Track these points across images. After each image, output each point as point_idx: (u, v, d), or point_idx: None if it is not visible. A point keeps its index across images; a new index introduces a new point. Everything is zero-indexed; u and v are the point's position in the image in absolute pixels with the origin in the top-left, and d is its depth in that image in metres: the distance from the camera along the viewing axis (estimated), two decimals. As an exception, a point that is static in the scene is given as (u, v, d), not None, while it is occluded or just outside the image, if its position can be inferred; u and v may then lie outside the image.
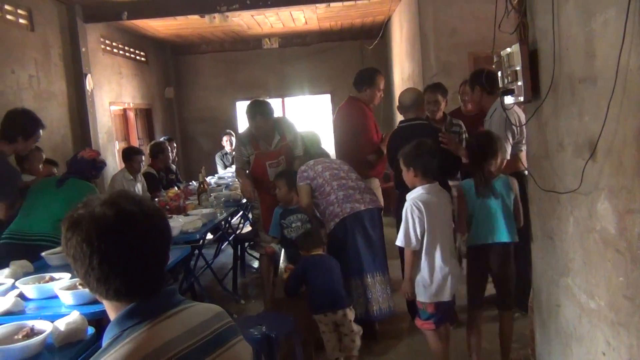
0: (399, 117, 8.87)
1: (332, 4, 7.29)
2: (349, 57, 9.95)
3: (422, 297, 3.10)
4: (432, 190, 3.10)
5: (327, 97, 10.36)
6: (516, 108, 3.52)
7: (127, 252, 1.17)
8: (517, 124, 3.56)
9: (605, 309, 1.98)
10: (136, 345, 1.12)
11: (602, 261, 1.97)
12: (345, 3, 7.24)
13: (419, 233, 3.02)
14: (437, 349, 3.20)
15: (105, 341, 1.19)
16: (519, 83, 2.62)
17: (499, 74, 2.89)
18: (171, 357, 1.14)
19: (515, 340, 3.50)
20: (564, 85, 2.23)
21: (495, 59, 2.93)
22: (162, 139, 7.37)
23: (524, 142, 3.55)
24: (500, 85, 2.88)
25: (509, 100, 2.83)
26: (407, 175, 3.17)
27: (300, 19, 8.40)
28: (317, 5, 7.28)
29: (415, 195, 3.09)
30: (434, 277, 3.05)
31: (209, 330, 1.25)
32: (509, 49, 2.71)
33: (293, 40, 10.04)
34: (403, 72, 8.06)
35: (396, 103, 9.20)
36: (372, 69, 4.87)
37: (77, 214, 1.19)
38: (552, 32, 2.25)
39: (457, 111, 5.07)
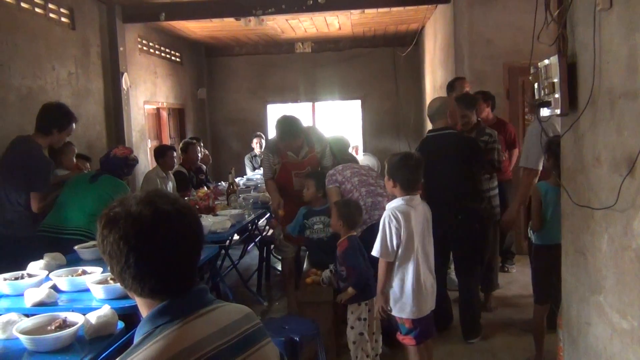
0: (430, 125, 8.84)
1: (366, 11, 7.30)
2: (381, 64, 9.94)
3: (394, 310, 3.05)
4: (411, 202, 3.04)
5: (358, 102, 10.35)
6: (554, 120, 3.47)
7: (163, 250, 1.18)
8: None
9: (638, 330, 1.94)
10: (168, 343, 1.14)
11: (637, 280, 1.92)
12: (380, 10, 7.24)
13: (395, 244, 2.96)
14: None
15: (137, 337, 1.20)
16: (556, 95, 2.57)
17: (535, 85, 2.85)
18: (202, 356, 1.15)
19: (543, 357, 3.47)
20: (603, 99, 2.19)
21: (532, 70, 2.89)
22: (189, 139, 7.45)
23: None
24: (537, 97, 2.83)
25: (545, 112, 2.79)
26: (388, 184, 3.15)
27: (334, 24, 8.43)
28: (352, 11, 7.30)
29: (394, 206, 3.05)
30: (404, 290, 3.00)
31: (238, 330, 1.26)
32: (546, 61, 2.68)
33: (326, 45, 10.07)
34: (435, 81, 8.01)
35: (427, 112, 9.18)
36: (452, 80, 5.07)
37: (114, 211, 1.20)
38: (592, 45, 2.22)
39: (477, 123, 5.01)
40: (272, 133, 4.66)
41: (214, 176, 8.68)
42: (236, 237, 5.56)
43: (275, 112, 10.02)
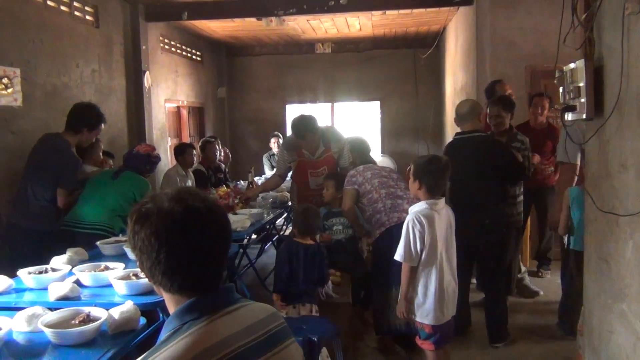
0: (449, 128, 8.79)
1: (388, 12, 7.29)
2: (401, 66, 9.91)
3: (417, 316, 3.01)
4: (435, 206, 3.00)
5: (377, 104, 10.33)
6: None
7: (194, 247, 1.20)
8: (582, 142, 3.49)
9: (663, 339, 1.91)
10: (195, 339, 1.15)
11: (663, 289, 1.90)
12: (402, 11, 7.22)
13: (419, 248, 2.93)
14: None
15: (164, 333, 1.21)
16: (582, 100, 2.55)
17: (560, 89, 2.82)
18: (228, 354, 1.16)
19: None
20: (630, 104, 2.17)
21: (557, 74, 2.87)
22: (208, 137, 7.50)
23: None
24: (561, 100, 2.81)
25: (569, 117, 2.76)
26: (412, 186, 3.11)
27: (355, 25, 8.42)
28: (373, 12, 7.28)
29: (418, 210, 3.00)
30: (427, 295, 2.96)
31: (264, 329, 1.27)
32: (572, 65, 2.65)
33: (346, 46, 10.06)
34: (456, 83, 7.96)
35: (448, 114, 9.14)
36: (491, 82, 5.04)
37: (146, 207, 1.21)
38: (620, 49, 2.19)
39: (525, 125, 4.98)
40: (290, 133, 4.67)
41: (233, 175, 8.72)
42: (253, 236, 5.59)
43: (294, 112, 10.03)
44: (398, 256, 2.99)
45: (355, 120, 10.52)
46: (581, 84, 2.54)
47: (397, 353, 3.83)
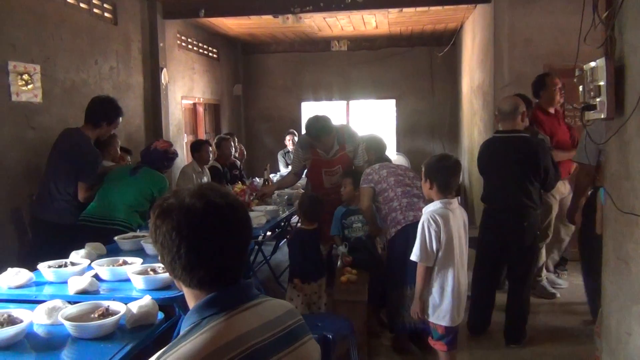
0: (466, 127, 8.73)
1: (404, 9, 7.26)
2: (417, 63, 9.87)
3: (432, 317, 3.00)
4: (449, 205, 2.98)
5: (392, 102, 10.30)
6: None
7: (214, 242, 1.21)
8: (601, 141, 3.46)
9: (684, 341, 1.88)
10: (215, 334, 1.16)
11: (684, 291, 1.87)
12: (418, 9, 7.19)
13: (434, 248, 2.91)
14: None
15: (184, 327, 1.23)
16: (602, 99, 2.52)
17: (580, 88, 2.79)
18: (248, 349, 1.17)
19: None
20: (653, 103, 2.14)
21: (577, 73, 2.83)
22: (223, 134, 7.55)
23: None
24: (581, 100, 2.78)
25: (589, 116, 2.73)
26: (424, 187, 3.11)
27: (371, 22, 8.40)
28: (390, 10, 7.26)
29: (433, 209, 2.99)
30: (444, 296, 2.95)
31: (282, 325, 1.28)
32: (592, 63, 2.62)
33: (362, 44, 10.05)
34: (473, 82, 7.91)
35: (464, 112, 9.08)
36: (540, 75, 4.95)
37: (167, 203, 1.23)
38: (642, 48, 2.16)
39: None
40: (305, 130, 4.67)
41: (247, 172, 8.76)
42: (268, 233, 5.61)
43: (309, 110, 10.05)
44: (414, 256, 2.98)
45: (371, 119, 10.49)
46: (601, 83, 2.51)
47: (411, 351, 3.83)
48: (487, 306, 4.11)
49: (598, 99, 2.56)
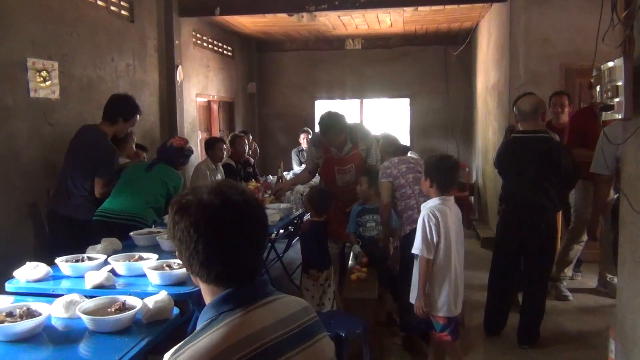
0: (480, 126, 8.67)
1: (420, 8, 7.23)
2: (432, 62, 9.82)
3: (432, 308, 3.10)
4: (446, 202, 3.12)
5: (406, 101, 10.26)
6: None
7: (231, 239, 1.22)
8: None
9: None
10: (231, 330, 1.17)
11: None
12: (434, 7, 7.16)
13: (435, 240, 3.04)
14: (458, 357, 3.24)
15: (201, 322, 1.24)
16: (620, 99, 2.50)
17: (597, 88, 2.77)
18: (263, 345, 1.18)
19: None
20: (671, 104, 2.12)
21: (594, 73, 2.82)
22: (237, 132, 7.58)
23: None
24: (599, 100, 2.76)
25: (607, 116, 2.71)
26: (424, 185, 3.22)
27: (386, 21, 8.38)
28: (405, 8, 7.24)
29: (431, 205, 3.12)
30: (442, 288, 3.06)
31: (297, 322, 1.29)
32: (610, 63, 2.60)
33: (376, 42, 10.02)
34: (488, 81, 7.87)
35: (478, 112, 9.02)
36: None
37: (186, 199, 1.24)
38: (662, 48, 2.14)
39: (547, 124, 4.91)
40: (319, 129, 4.68)
41: (261, 170, 8.79)
42: (281, 230, 5.63)
43: (323, 108, 10.04)
44: (416, 249, 3.10)
45: (384, 117, 10.47)
46: (619, 83, 2.49)
47: (423, 350, 3.82)
48: (504, 307, 4.09)
49: (616, 99, 2.54)
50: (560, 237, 5.29)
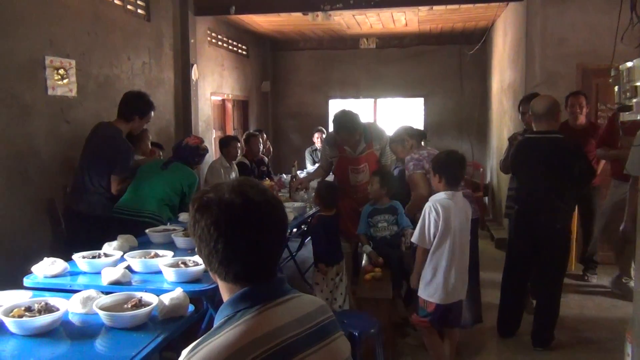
0: (495, 126, 8.61)
1: (435, 7, 7.20)
2: (446, 62, 9.78)
3: (422, 292, 3.29)
4: (453, 197, 3.24)
5: (421, 100, 10.23)
6: None
7: (251, 239, 1.22)
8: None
9: None
10: (247, 328, 1.18)
11: None
12: (449, 6, 7.12)
13: (432, 233, 3.19)
14: (431, 345, 3.42)
15: (218, 320, 1.25)
16: (638, 100, 2.48)
17: (616, 88, 2.75)
18: (279, 343, 1.18)
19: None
20: (692, 105, 2.09)
21: (612, 73, 2.79)
22: (252, 131, 7.61)
23: None
24: (617, 100, 2.74)
25: (625, 117, 2.69)
26: (433, 180, 3.35)
27: (401, 20, 8.36)
28: (420, 7, 7.21)
29: (436, 199, 3.25)
30: (435, 276, 3.22)
31: (313, 321, 1.29)
32: (629, 63, 2.57)
33: (390, 42, 10.00)
34: (503, 81, 7.82)
35: (493, 111, 8.96)
36: None
37: (207, 197, 1.24)
38: (683, 49, 2.12)
39: (564, 125, 4.87)
40: (332, 127, 4.67)
41: (274, 168, 8.81)
42: (294, 229, 5.63)
43: (337, 107, 10.03)
44: (413, 238, 3.32)
45: (398, 117, 10.43)
46: (638, 83, 2.47)
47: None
48: (517, 308, 4.07)
49: (634, 100, 2.52)
50: (575, 238, 5.27)
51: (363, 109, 10.12)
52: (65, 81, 4.57)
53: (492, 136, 8.97)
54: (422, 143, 4.36)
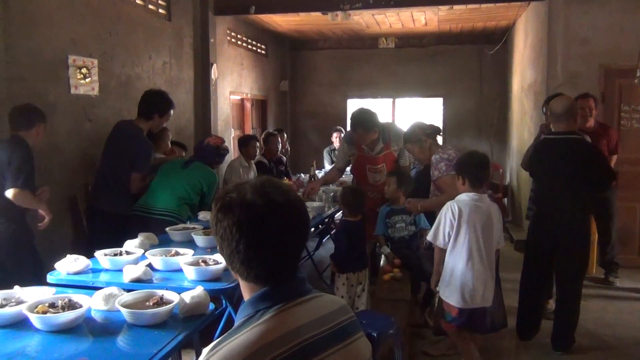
0: (515, 127, 8.54)
1: (455, 7, 7.15)
2: (466, 62, 9.71)
3: (442, 292, 3.28)
4: (476, 199, 3.20)
5: (440, 100, 10.16)
6: None
7: (273, 240, 1.23)
8: None
9: None
10: (268, 328, 1.18)
11: None
12: (470, 6, 7.07)
13: (446, 233, 3.18)
14: (464, 348, 3.37)
15: (239, 319, 1.25)
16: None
17: (641, 90, 2.71)
18: (300, 343, 1.18)
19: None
20: None
21: (637, 74, 2.75)
22: (271, 130, 7.62)
23: None
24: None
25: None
26: (457, 182, 3.30)
27: (420, 19, 8.32)
28: (440, 7, 7.17)
29: (458, 199, 3.23)
30: (453, 277, 3.19)
31: (334, 322, 1.28)
32: (655, 64, 2.53)
33: (410, 41, 9.95)
34: (524, 81, 7.74)
35: (513, 112, 8.89)
36: None
37: (230, 197, 1.25)
38: None
39: None
40: (349, 125, 4.68)
41: (292, 168, 8.83)
42: (312, 229, 5.64)
43: (355, 106, 10.00)
44: (429, 236, 3.31)
45: (417, 117, 10.37)
46: (665, 85, 2.43)
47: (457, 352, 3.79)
48: (536, 311, 4.02)
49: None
50: (597, 240, 5.20)
51: (381, 108, 10.10)
52: (87, 80, 4.63)
53: (512, 137, 8.88)
54: (440, 140, 4.27)
